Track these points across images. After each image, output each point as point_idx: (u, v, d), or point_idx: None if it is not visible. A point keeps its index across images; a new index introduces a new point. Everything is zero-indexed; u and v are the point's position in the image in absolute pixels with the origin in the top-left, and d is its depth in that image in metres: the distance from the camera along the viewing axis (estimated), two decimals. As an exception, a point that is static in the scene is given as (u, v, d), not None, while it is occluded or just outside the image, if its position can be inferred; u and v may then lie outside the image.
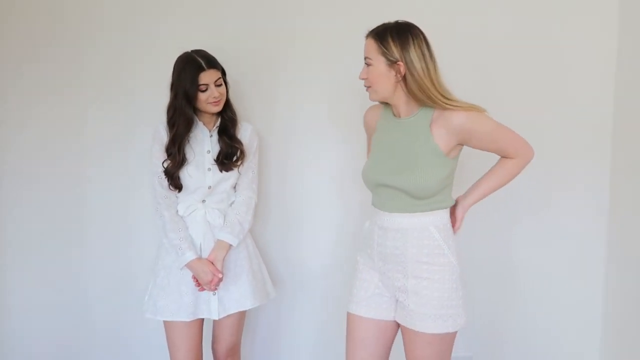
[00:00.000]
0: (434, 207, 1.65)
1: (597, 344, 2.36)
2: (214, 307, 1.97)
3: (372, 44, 1.61)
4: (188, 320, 1.95)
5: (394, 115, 1.71)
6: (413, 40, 1.60)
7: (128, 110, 2.28)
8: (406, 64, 1.59)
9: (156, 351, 2.35)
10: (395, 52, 1.59)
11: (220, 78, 1.96)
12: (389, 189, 1.65)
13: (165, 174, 1.94)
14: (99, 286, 2.35)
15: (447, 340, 1.66)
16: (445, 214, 1.68)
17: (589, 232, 2.32)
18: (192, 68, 1.91)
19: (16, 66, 2.25)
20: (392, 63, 1.60)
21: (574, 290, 2.35)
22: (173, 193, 1.98)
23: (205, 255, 1.96)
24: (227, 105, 2.02)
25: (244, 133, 2.06)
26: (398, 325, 1.72)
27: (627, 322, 2.20)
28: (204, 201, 1.99)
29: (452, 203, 1.71)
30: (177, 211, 1.98)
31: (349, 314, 1.76)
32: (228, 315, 1.99)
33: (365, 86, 1.67)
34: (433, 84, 1.59)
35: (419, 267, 1.63)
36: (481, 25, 2.23)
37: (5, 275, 2.34)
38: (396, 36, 1.60)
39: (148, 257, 2.27)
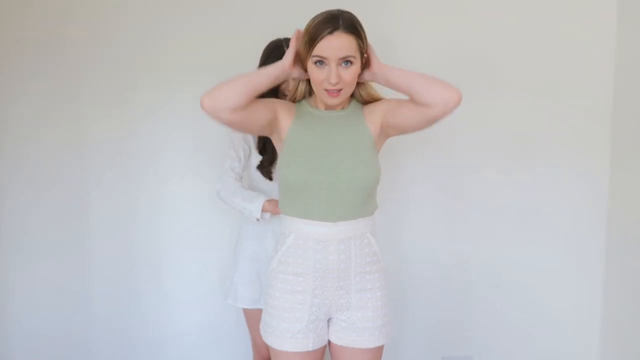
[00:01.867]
0: (370, 210, 1.54)
1: (596, 343, 2.37)
2: None
3: (352, 40, 1.41)
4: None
5: (315, 108, 1.54)
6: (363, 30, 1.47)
7: (131, 112, 2.26)
8: (368, 55, 1.48)
9: (157, 352, 2.36)
10: (364, 43, 1.45)
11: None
12: (329, 190, 1.46)
13: (260, 165, 1.90)
14: (100, 288, 2.34)
15: (381, 351, 1.57)
16: (373, 219, 1.56)
17: (589, 231, 2.32)
18: (278, 55, 1.76)
19: (19, 70, 2.24)
20: (361, 56, 1.46)
21: (573, 290, 2.35)
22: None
23: None
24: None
25: None
26: (325, 347, 1.56)
27: (626, 322, 2.20)
28: None
29: (377, 206, 1.58)
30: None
31: (276, 351, 1.51)
32: None
33: (333, 90, 1.44)
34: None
35: (361, 279, 1.50)
36: (481, 25, 2.23)
37: (6, 276, 2.33)
38: (360, 26, 1.45)
39: (150, 259, 2.27)
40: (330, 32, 1.39)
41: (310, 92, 1.59)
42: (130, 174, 2.28)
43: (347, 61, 1.42)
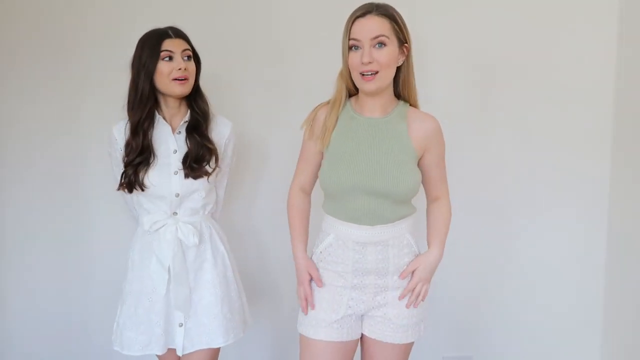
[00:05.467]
0: (409, 212, 1.56)
1: (597, 344, 2.37)
2: (179, 340, 1.69)
3: (385, 22, 1.44)
4: (161, 353, 1.70)
5: (358, 114, 1.56)
6: (405, 23, 1.50)
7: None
8: (408, 48, 1.49)
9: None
10: (404, 31, 1.47)
11: (189, 49, 1.65)
12: (368, 197, 1.49)
13: (124, 173, 1.65)
14: (98, 287, 2.34)
15: (411, 347, 1.62)
16: (413, 218, 1.59)
17: (589, 232, 2.32)
18: (155, 37, 1.61)
19: (17, 66, 2.23)
20: (401, 45, 1.48)
21: (574, 290, 2.35)
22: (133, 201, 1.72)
23: (175, 280, 1.64)
24: (199, 95, 1.71)
25: (222, 130, 1.74)
26: (357, 341, 1.61)
27: (627, 322, 2.20)
28: (175, 214, 1.68)
29: (415, 209, 1.61)
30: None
31: (309, 340, 1.56)
32: (197, 351, 1.70)
33: (367, 72, 1.45)
34: (414, 78, 1.55)
35: (399, 278, 1.55)
36: (481, 27, 2.23)
37: (6, 275, 2.33)
38: (399, 15, 1.48)
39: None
40: (362, 15, 1.45)
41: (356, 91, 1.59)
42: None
43: (380, 43, 1.44)
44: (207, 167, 1.67)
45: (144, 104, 1.63)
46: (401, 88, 1.56)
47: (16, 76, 2.24)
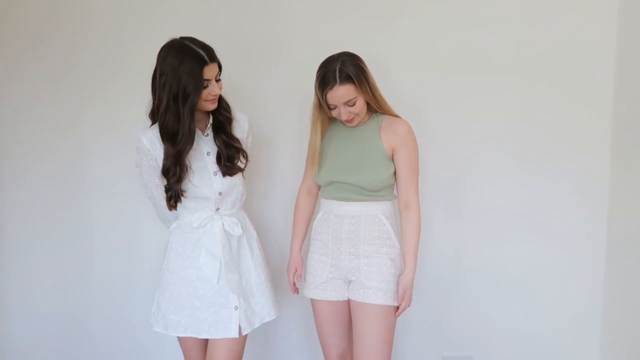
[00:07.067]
0: (381, 197, 1.88)
1: (597, 344, 2.37)
2: (234, 323, 1.78)
3: (350, 87, 1.76)
4: (201, 337, 1.80)
5: (343, 123, 1.90)
6: (362, 64, 1.80)
7: (132, 112, 2.24)
8: (370, 85, 1.81)
9: (154, 354, 2.36)
10: (364, 80, 1.79)
11: (219, 72, 1.73)
12: (343, 184, 1.86)
13: (167, 191, 1.76)
14: (98, 287, 2.34)
15: (392, 314, 1.86)
16: (390, 205, 1.91)
17: (589, 231, 2.32)
18: (193, 61, 1.61)
19: (18, 67, 2.24)
20: (364, 90, 1.80)
21: (573, 289, 2.35)
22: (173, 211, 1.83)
23: (227, 268, 1.78)
24: (220, 99, 1.80)
25: (242, 125, 1.89)
26: (346, 303, 1.92)
27: (627, 322, 2.20)
28: (218, 209, 1.82)
29: (395, 198, 1.93)
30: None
31: (310, 300, 1.97)
32: (223, 340, 1.79)
33: (349, 120, 1.83)
34: (380, 95, 1.86)
35: (369, 249, 1.86)
36: (481, 25, 2.24)
37: (5, 275, 2.33)
38: (358, 65, 1.78)
39: (151, 258, 2.26)
40: (330, 88, 1.76)
41: None
42: (132, 171, 2.26)
43: (351, 103, 1.79)
44: (239, 164, 1.83)
45: (192, 138, 1.69)
46: (371, 106, 1.88)
47: (17, 77, 2.24)
